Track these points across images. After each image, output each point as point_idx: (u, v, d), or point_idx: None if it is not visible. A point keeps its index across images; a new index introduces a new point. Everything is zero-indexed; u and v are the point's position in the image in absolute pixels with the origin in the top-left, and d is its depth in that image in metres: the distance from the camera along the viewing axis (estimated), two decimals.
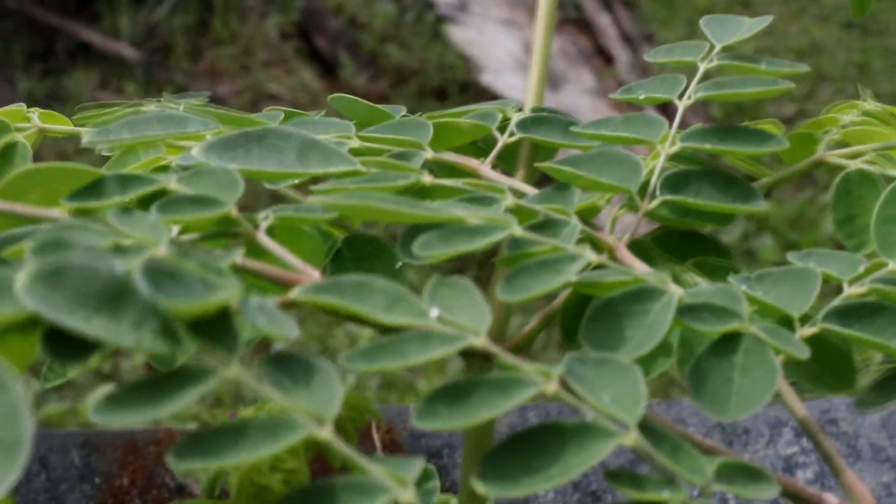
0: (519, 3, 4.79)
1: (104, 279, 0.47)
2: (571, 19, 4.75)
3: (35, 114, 0.80)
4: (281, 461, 0.66)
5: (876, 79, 4.35)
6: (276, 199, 0.74)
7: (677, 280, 0.66)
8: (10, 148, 0.76)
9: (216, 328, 0.49)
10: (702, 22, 0.83)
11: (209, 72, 4.54)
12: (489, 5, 4.73)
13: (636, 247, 0.72)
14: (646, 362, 0.61)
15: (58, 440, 1.13)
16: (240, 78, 4.51)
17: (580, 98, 4.40)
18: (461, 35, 4.57)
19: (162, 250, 0.52)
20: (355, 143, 0.73)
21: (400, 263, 0.66)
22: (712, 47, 0.82)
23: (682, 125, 0.76)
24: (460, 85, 4.38)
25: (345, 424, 0.73)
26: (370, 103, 0.78)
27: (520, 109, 0.80)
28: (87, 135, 0.66)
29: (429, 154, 0.74)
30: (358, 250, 0.70)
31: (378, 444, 1.08)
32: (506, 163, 0.79)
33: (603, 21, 4.70)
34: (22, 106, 0.79)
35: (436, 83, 4.41)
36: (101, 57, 4.52)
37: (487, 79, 4.39)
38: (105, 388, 0.47)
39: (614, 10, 4.75)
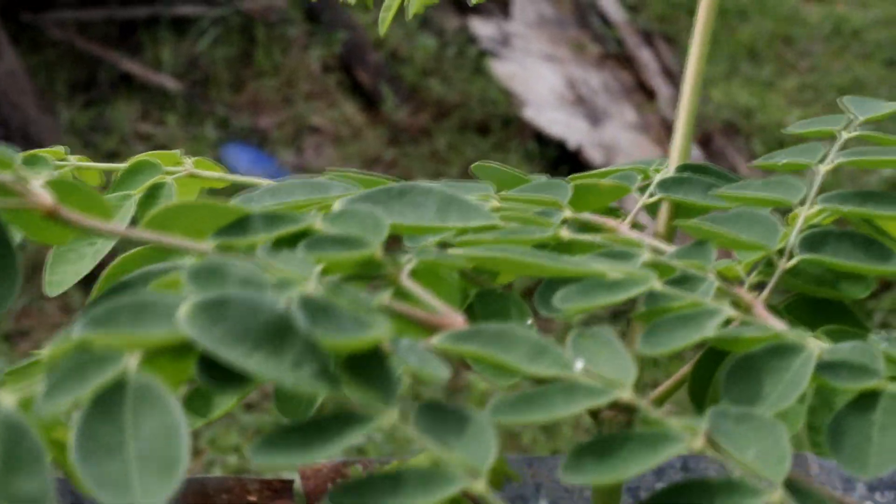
0: (561, 39, 4.80)
1: (266, 315, 0.48)
2: (613, 54, 4.76)
3: (189, 160, 0.82)
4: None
5: None
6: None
7: None
8: (157, 188, 0.79)
9: (373, 371, 0.49)
10: (845, 100, 0.86)
11: (251, 103, 4.56)
12: (531, 40, 4.73)
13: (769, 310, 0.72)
14: (784, 419, 0.61)
15: None
16: (282, 110, 4.52)
17: (622, 133, 4.40)
18: (503, 69, 4.58)
19: (311, 286, 0.52)
20: (495, 202, 0.74)
21: (530, 321, 0.67)
22: (850, 121, 0.84)
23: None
24: (502, 119, 4.39)
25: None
26: (510, 169, 0.80)
27: (661, 168, 0.81)
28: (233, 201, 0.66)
29: (567, 213, 0.74)
30: (490, 305, 0.70)
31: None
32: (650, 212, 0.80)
33: (644, 56, 4.70)
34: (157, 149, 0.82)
35: (477, 117, 4.41)
36: (142, 88, 4.54)
37: (529, 113, 4.40)
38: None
39: (655, 45, 4.75)
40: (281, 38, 4.66)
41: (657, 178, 0.80)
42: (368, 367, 0.50)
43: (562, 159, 4.21)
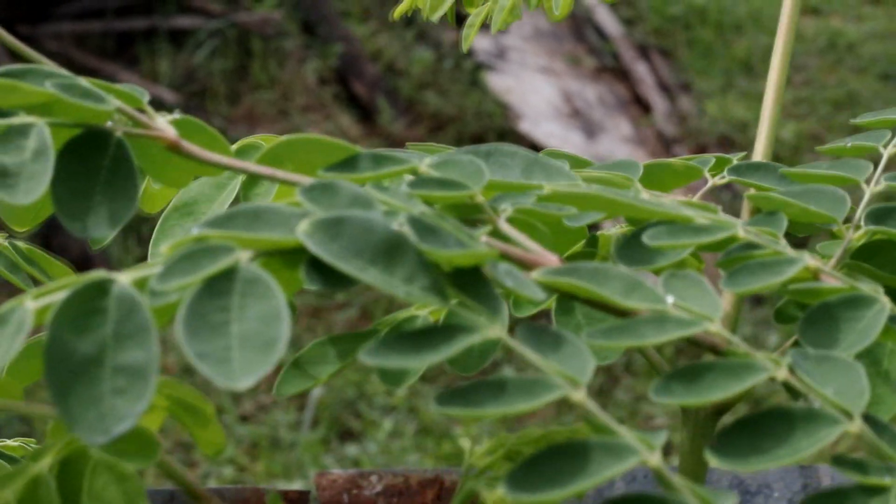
0: (557, 52, 4.83)
1: (380, 234, 0.50)
2: (608, 68, 4.78)
3: None
4: None
5: None
6: None
7: None
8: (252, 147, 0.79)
9: (478, 289, 0.51)
10: None
11: (248, 116, 4.57)
12: (527, 53, 4.76)
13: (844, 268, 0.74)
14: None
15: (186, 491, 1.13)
16: (278, 122, 4.53)
17: (617, 146, 4.42)
18: (499, 82, 4.60)
19: (418, 212, 0.54)
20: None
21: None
22: None
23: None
24: (498, 132, 4.41)
25: None
26: (577, 155, 0.82)
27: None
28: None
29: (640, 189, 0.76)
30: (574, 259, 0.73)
31: None
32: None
33: (640, 70, 4.73)
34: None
35: (473, 130, 4.43)
36: None
37: (525, 126, 4.42)
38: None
39: (651, 59, 4.78)
40: (277, 51, 4.67)
41: (733, 163, 0.82)
42: (474, 285, 0.52)
43: None
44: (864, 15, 5.10)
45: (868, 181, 0.79)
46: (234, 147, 0.82)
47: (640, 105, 4.62)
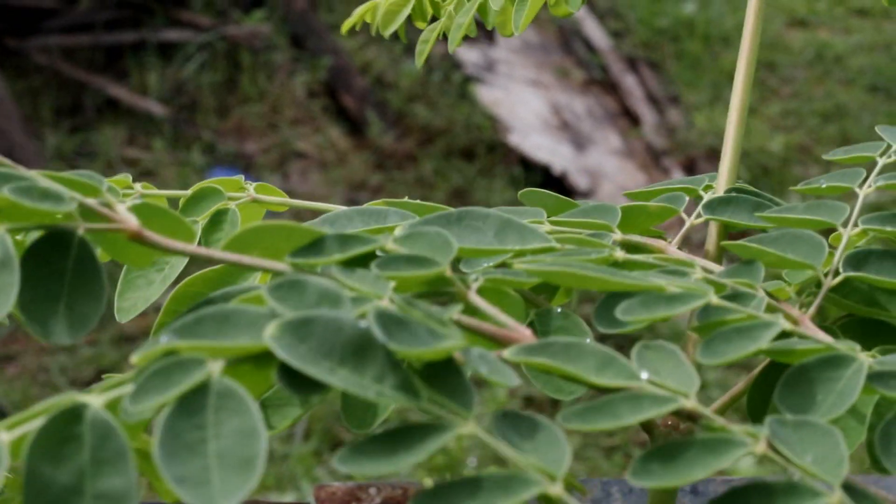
0: (545, 64, 4.83)
1: (348, 333, 0.50)
2: (597, 80, 4.79)
3: (251, 186, 0.84)
4: None
5: None
6: None
7: None
8: (222, 214, 0.80)
9: (449, 382, 0.51)
10: (878, 129, 0.90)
11: (237, 129, 4.57)
12: (516, 66, 4.76)
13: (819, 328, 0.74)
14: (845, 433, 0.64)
15: None
16: (267, 135, 4.53)
17: (606, 158, 4.43)
18: (488, 95, 4.61)
19: (386, 302, 0.54)
20: (547, 227, 0.76)
21: (589, 339, 0.68)
22: (887, 147, 0.88)
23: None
24: (487, 145, 4.41)
25: None
26: (557, 195, 0.82)
27: (708, 189, 0.84)
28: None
29: (617, 236, 0.77)
30: (550, 323, 0.72)
31: None
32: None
33: (629, 82, 4.74)
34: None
35: (463, 143, 4.44)
36: (129, 113, 4.55)
37: (514, 139, 4.42)
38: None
39: (640, 72, 4.79)
40: (266, 64, 4.67)
41: (704, 199, 0.83)
42: (445, 378, 0.52)
43: (546, 184, 4.23)
44: (851, 27, 5.11)
45: (845, 224, 0.79)
46: (191, 191, 0.83)
47: (629, 117, 4.63)
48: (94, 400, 0.48)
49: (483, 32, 4.30)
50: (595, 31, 4.94)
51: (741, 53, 0.90)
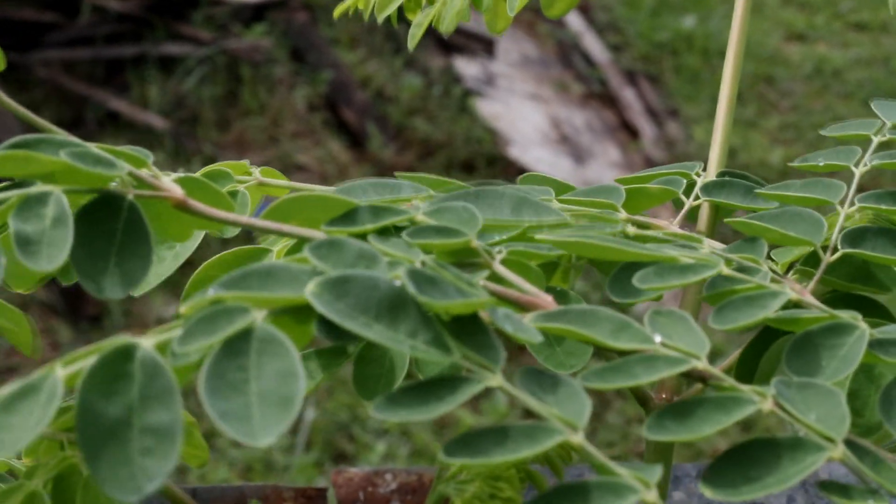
0: (545, 78, 4.85)
1: (383, 291, 0.54)
2: (597, 94, 4.81)
3: (257, 169, 0.87)
4: (499, 490, 0.70)
5: None
6: None
7: None
8: (232, 196, 0.82)
9: (478, 338, 0.53)
10: (872, 104, 0.92)
11: (237, 142, 4.59)
12: (515, 80, 4.79)
13: None
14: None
15: (167, 495, 1.15)
16: (268, 149, 4.55)
17: (606, 171, 4.45)
18: (488, 109, 4.63)
19: (419, 264, 0.58)
20: (556, 204, 0.79)
21: None
22: (882, 125, 0.90)
23: None
24: (487, 158, 4.43)
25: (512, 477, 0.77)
26: (558, 179, 0.85)
27: (701, 173, 0.86)
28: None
29: (622, 215, 0.80)
30: (561, 300, 0.75)
31: None
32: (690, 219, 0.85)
33: (628, 96, 4.76)
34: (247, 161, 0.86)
35: (463, 156, 4.45)
36: (129, 126, 4.56)
37: (514, 152, 4.44)
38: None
39: (639, 85, 4.81)
40: (266, 78, 4.69)
41: (700, 182, 0.86)
42: (474, 334, 0.55)
43: None
44: (849, 41, 5.14)
45: (842, 202, 0.81)
46: (200, 172, 0.85)
47: (628, 131, 4.65)
48: (145, 341, 0.51)
49: (482, 46, 4.28)
50: (594, 45, 4.97)
51: (730, 42, 0.92)
